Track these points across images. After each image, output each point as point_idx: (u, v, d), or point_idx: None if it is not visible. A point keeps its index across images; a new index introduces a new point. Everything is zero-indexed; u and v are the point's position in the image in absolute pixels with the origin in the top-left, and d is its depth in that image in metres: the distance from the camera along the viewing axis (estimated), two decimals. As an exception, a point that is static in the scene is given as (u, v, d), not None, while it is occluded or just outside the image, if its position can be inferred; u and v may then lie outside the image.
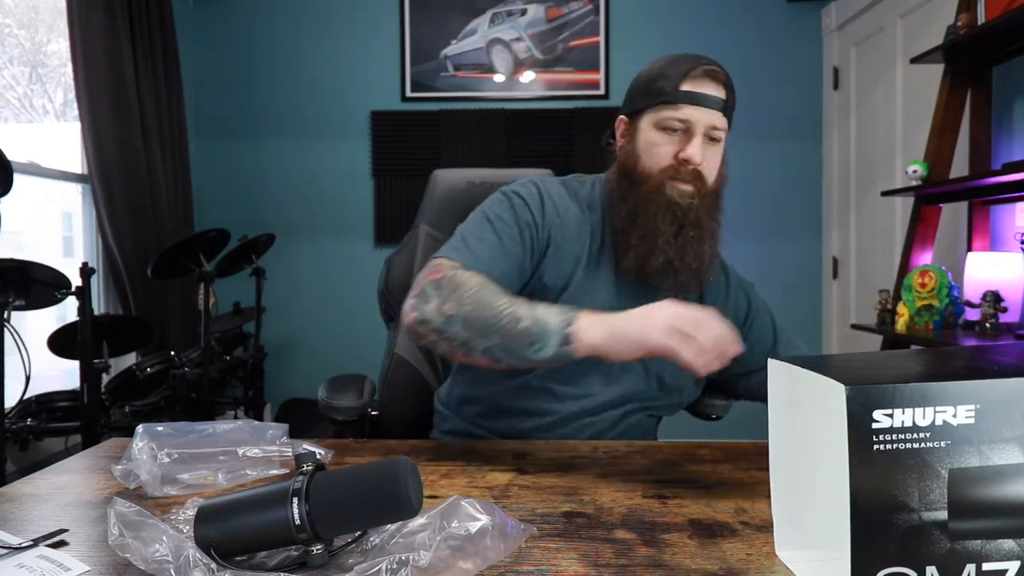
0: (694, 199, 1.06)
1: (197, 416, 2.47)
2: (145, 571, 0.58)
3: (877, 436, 0.51)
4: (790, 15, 3.44)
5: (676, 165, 1.05)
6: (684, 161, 1.05)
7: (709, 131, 1.06)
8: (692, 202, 1.06)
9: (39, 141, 3.16)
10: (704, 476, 0.90)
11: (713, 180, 1.09)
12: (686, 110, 1.05)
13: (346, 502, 0.60)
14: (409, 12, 3.49)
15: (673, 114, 1.05)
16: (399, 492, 0.59)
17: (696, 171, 1.06)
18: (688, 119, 1.05)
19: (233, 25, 3.55)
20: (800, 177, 3.47)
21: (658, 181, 1.06)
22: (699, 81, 1.05)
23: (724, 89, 1.06)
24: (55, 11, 2.92)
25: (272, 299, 3.29)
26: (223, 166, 3.56)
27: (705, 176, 1.07)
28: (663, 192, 1.05)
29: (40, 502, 0.80)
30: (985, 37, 2.08)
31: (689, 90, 1.05)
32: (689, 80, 1.05)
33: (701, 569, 0.63)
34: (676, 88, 1.05)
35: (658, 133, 1.07)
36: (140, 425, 0.89)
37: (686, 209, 1.05)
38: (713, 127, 1.05)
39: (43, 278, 1.91)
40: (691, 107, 1.04)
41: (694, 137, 1.05)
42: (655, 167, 1.07)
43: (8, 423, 2.02)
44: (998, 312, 2.02)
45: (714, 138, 1.07)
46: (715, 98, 1.05)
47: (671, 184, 1.06)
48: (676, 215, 1.05)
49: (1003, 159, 2.22)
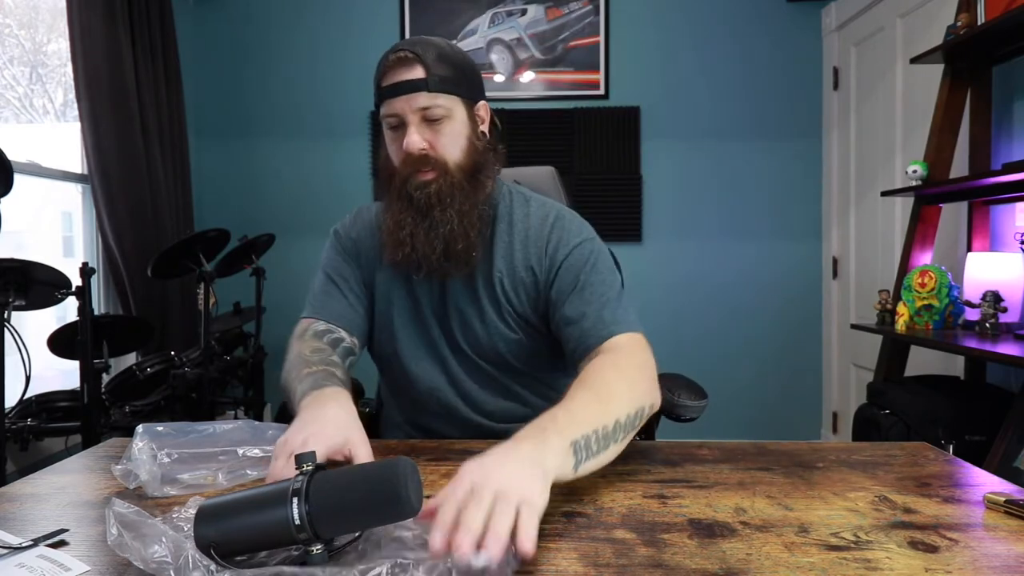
0: (431, 187, 1.07)
1: (197, 416, 2.47)
2: (145, 571, 0.58)
3: None
4: (790, 15, 3.44)
5: (406, 157, 1.07)
6: (408, 152, 1.06)
7: (423, 114, 1.05)
8: (429, 190, 1.07)
9: (39, 141, 3.16)
10: (704, 476, 0.90)
11: (458, 156, 1.09)
12: (391, 104, 1.06)
13: (346, 502, 0.60)
14: (409, 12, 3.49)
15: (385, 112, 1.08)
16: (399, 492, 0.59)
17: (425, 156, 1.06)
18: (394, 112, 1.06)
19: (233, 25, 3.55)
20: (800, 177, 3.47)
21: (402, 176, 1.08)
22: (393, 72, 1.06)
23: (422, 67, 1.05)
24: (55, 11, 2.92)
25: (272, 299, 3.29)
26: (223, 166, 3.56)
27: (440, 157, 1.07)
28: (404, 188, 1.08)
29: (40, 502, 0.80)
30: (985, 37, 2.08)
31: (387, 84, 1.06)
32: (386, 75, 1.07)
33: (701, 569, 0.63)
34: (379, 87, 1.08)
35: (388, 133, 1.11)
36: (140, 425, 0.89)
37: (425, 197, 1.07)
38: (423, 109, 1.05)
39: (43, 278, 1.91)
40: (394, 100, 1.06)
41: (408, 125, 1.06)
42: (397, 163, 1.10)
43: (8, 423, 2.02)
44: (998, 312, 2.02)
45: (432, 118, 1.06)
46: (411, 82, 1.04)
47: (412, 179, 1.07)
48: (418, 206, 1.07)
49: (1003, 159, 2.22)
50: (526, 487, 0.66)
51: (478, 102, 1.13)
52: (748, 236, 3.47)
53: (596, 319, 1.05)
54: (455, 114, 1.08)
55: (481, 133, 1.14)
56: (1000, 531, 0.71)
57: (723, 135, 3.46)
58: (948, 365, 2.45)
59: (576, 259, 1.11)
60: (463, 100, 1.09)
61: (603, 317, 1.04)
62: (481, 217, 1.12)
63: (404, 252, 1.09)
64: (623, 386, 0.90)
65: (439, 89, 1.05)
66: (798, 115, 3.46)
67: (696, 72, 3.46)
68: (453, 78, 1.07)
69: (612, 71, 3.47)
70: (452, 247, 1.08)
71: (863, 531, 0.71)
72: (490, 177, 1.14)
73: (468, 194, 1.09)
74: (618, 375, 0.92)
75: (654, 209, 3.47)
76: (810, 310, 3.50)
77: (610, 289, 1.09)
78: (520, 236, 1.15)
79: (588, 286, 1.08)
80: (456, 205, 1.08)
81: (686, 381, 1.37)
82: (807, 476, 0.89)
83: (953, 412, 1.99)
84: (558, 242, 1.13)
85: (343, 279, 1.19)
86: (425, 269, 1.11)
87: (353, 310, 1.18)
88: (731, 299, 3.49)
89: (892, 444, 1.06)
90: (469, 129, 1.11)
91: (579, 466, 0.76)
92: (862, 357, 3.11)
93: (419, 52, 1.05)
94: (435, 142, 1.07)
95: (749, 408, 3.46)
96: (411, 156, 1.06)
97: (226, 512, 0.61)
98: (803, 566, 0.63)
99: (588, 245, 1.13)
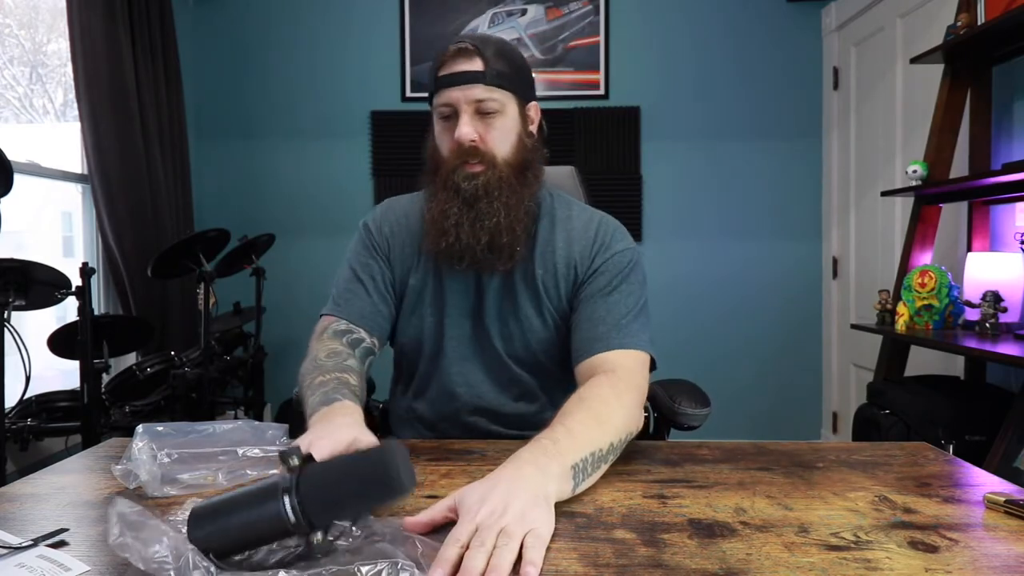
0: (479, 178, 1.07)
1: (197, 416, 2.47)
2: (145, 572, 0.58)
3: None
4: (790, 15, 3.44)
5: (456, 148, 1.08)
6: (459, 143, 1.07)
7: (477, 106, 1.07)
8: (477, 182, 1.07)
9: (39, 141, 3.16)
10: (704, 476, 0.90)
11: (507, 152, 1.10)
12: (447, 93, 1.07)
13: (337, 490, 0.61)
14: (409, 12, 3.49)
15: (439, 101, 1.09)
16: (390, 472, 0.60)
17: (475, 148, 1.07)
18: (449, 102, 1.07)
19: (233, 25, 3.55)
20: (800, 177, 3.47)
21: (450, 167, 1.09)
22: (452, 62, 1.07)
23: (481, 60, 1.06)
24: (55, 11, 2.92)
25: (272, 299, 3.29)
26: (223, 166, 3.56)
27: (490, 151, 1.08)
28: (452, 179, 1.08)
29: (40, 502, 0.80)
30: (985, 37, 2.08)
31: (444, 74, 1.07)
32: (444, 65, 1.08)
33: (701, 569, 0.63)
34: (436, 77, 1.09)
35: (439, 123, 1.11)
36: (140, 425, 0.89)
37: (473, 188, 1.07)
38: (478, 101, 1.06)
39: (43, 278, 1.91)
40: (450, 90, 1.07)
41: (461, 116, 1.07)
42: (446, 154, 1.10)
43: (8, 423, 2.02)
44: (998, 312, 2.02)
45: (487, 111, 1.07)
46: (469, 73, 1.06)
47: (460, 169, 1.08)
48: (464, 197, 1.08)
49: (1003, 159, 2.22)
50: (531, 519, 0.66)
51: (530, 102, 1.15)
52: (748, 236, 3.47)
53: (612, 326, 1.06)
54: (508, 110, 1.09)
55: (530, 132, 1.15)
56: (1000, 531, 0.71)
57: (723, 135, 3.46)
58: (948, 365, 2.45)
59: (615, 264, 1.13)
60: (516, 97, 1.10)
61: (619, 326, 1.06)
62: (527, 213, 1.13)
63: (448, 241, 1.09)
64: (620, 412, 0.92)
65: (495, 83, 1.07)
66: (798, 115, 3.46)
67: (696, 72, 3.46)
68: (509, 74, 1.08)
69: (612, 71, 3.47)
70: (497, 240, 1.09)
71: (863, 531, 0.71)
72: (537, 177, 1.14)
73: (515, 189, 1.10)
74: (617, 400, 0.94)
75: (654, 209, 3.47)
76: (810, 310, 3.50)
77: (635, 303, 1.10)
78: (563, 235, 1.16)
79: (616, 292, 1.10)
80: (503, 198, 1.08)
81: (689, 387, 1.36)
82: (807, 476, 0.89)
83: (953, 412, 1.99)
84: (602, 245, 1.14)
85: (370, 277, 1.18)
86: (468, 260, 1.11)
87: (376, 310, 1.17)
88: (731, 299, 3.49)
89: (892, 444, 1.06)
90: (520, 126, 1.12)
91: (576, 488, 0.80)
92: (862, 357, 3.11)
93: (479, 45, 1.07)
94: (486, 135, 1.08)
95: (749, 408, 3.46)
96: (461, 147, 1.07)
97: (219, 512, 0.61)
98: (803, 566, 0.63)
99: (629, 255, 1.15)
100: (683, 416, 1.29)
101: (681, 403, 1.29)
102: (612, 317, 1.07)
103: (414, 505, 0.78)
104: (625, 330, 1.06)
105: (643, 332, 1.08)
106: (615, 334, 1.05)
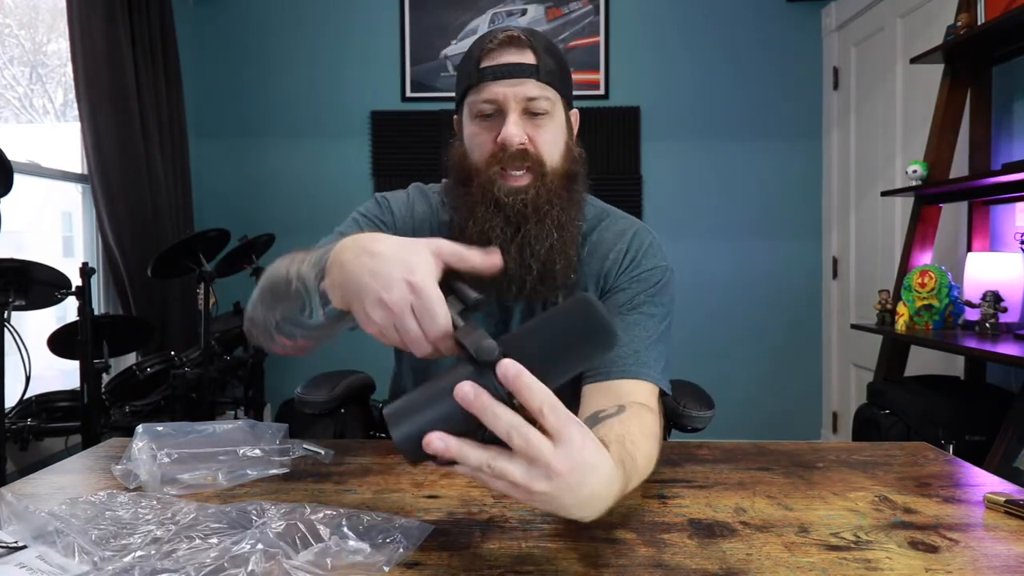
0: (527, 193, 0.92)
1: (197, 416, 2.47)
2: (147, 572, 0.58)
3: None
4: (790, 15, 3.44)
5: (498, 152, 0.92)
6: (503, 146, 0.91)
7: (527, 105, 0.92)
8: (525, 197, 0.92)
9: (39, 141, 3.16)
10: (704, 476, 0.90)
11: (556, 160, 0.95)
12: (491, 88, 0.92)
13: (548, 349, 0.56)
14: (409, 12, 3.49)
15: (479, 97, 0.93)
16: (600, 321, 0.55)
17: (524, 152, 0.92)
18: (494, 98, 0.92)
19: (233, 25, 3.55)
20: (800, 177, 3.47)
21: (486, 176, 0.93)
22: (499, 52, 0.92)
23: (533, 53, 0.92)
24: (55, 11, 2.92)
25: (272, 299, 3.29)
26: (223, 166, 3.56)
27: (539, 156, 0.93)
28: (491, 191, 0.92)
29: (40, 502, 0.80)
30: (985, 37, 2.08)
31: (489, 65, 0.92)
32: (488, 55, 0.92)
33: (701, 569, 0.63)
34: (476, 68, 0.93)
35: (475, 123, 0.95)
36: (140, 425, 0.89)
37: (520, 206, 0.92)
38: (529, 99, 0.92)
39: (43, 278, 1.91)
40: (495, 84, 0.91)
41: (508, 115, 0.92)
42: (480, 160, 0.95)
43: (8, 423, 2.02)
44: (998, 312, 2.02)
45: (537, 111, 0.93)
46: (521, 65, 0.91)
47: (501, 180, 0.93)
48: (508, 216, 0.92)
49: (1003, 159, 2.22)
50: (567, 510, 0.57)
51: (572, 108, 1.02)
52: (748, 236, 3.47)
53: (631, 352, 0.94)
54: (556, 113, 0.95)
55: (576, 141, 1.02)
56: (1000, 531, 0.71)
57: (723, 135, 3.46)
58: (948, 365, 2.45)
59: (643, 281, 1.00)
60: (563, 100, 0.97)
61: (637, 353, 0.94)
62: (580, 233, 0.98)
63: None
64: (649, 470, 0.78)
65: (547, 81, 0.93)
66: (798, 115, 3.46)
67: (696, 72, 3.46)
68: (559, 73, 0.95)
69: (612, 71, 3.47)
70: (550, 268, 0.94)
71: (863, 531, 0.71)
72: (583, 192, 1.01)
73: (566, 205, 0.95)
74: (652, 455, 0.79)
75: (654, 209, 3.47)
76: (810, 310, 3.50)
77: (657, 327, 0.98)
78: (594, 250, 1.03)
79: (637, 312, 0.98)
80: (554, 217, 0.93)
81: (693, 389, 1.36)
82: (807, 476, 0.89)
83: (953, 412, 1.99)
84: (634, 259, 1.02)
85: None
86: (515, 291, 0.96)
87: None
88: (731, 299, 3.49)
89: (892, 444, 1.06)
90: (567, 133, 0.98)
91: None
92: (862, 357, 3.11)
93: (530, 36, 0.93)
94: (536, 137, 0.93)
95: (749, 408, 3.46)
96: (506, 150, 0.91)
97: (420, 406, 0.56)
98: (803, 566, 0.63)
99: (659, 273, 1.01)
100: (688, 418, 1.29)
101: (686, 405, 1.30)
102: (629, 340, 0.95)
103: (414, 506, 0.78)
104: (643, 358, 0.94)
105: (659, 362, 0.96)
106: (631, 362, 0.93)
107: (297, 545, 0.63)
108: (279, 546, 0.62)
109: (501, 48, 0.92)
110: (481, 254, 0.64)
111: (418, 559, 0.64)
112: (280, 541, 0.62)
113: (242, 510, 0.70)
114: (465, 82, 0.95)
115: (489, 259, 0.64)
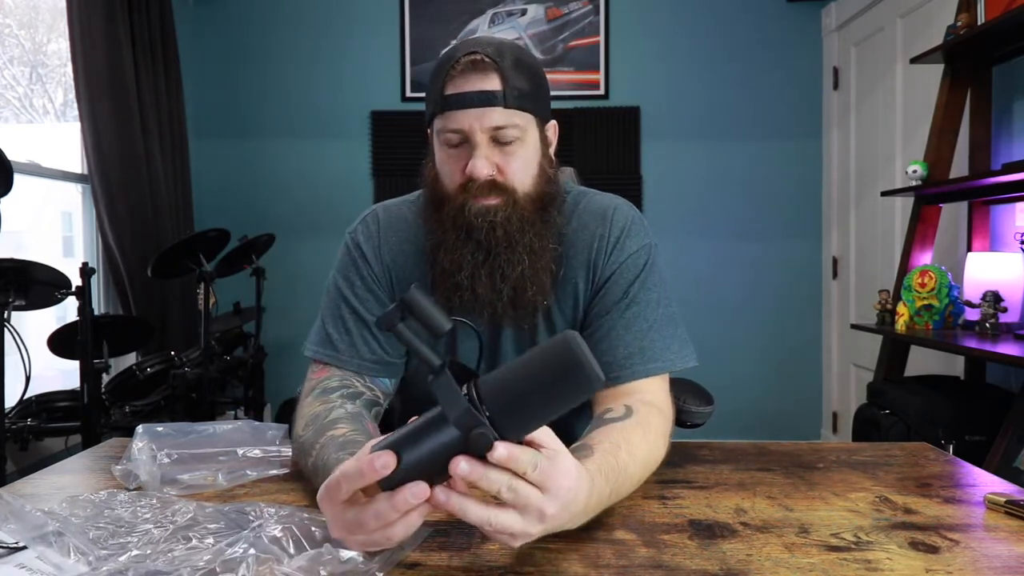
0: (496, 215, 0.89)
1: (197, 416, 2.47)
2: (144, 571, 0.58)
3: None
4: (790, 15, 3.44)
5: (466, 183, 0.90)
6: (471, 178, 0.89)
7: (493, 134, 0.88)
8: (494, 219, 0.89)
9: (39, 141, 3.16)
10: (704, 477, 0.90)
11: (528, 185, 0.92)
12: (456, 118, 0.88)
13: (523, 393, 0.55)
14: (409, 12, 3.48)
15: (446, 124, 0.89)
16: (577, 360, 0.54)
17: (492, 183, 0.89)
18: (460, 127, 0.88)
19: (233, 25, 3.55)
20: (800, 177, 3.47)
21: (457, 203, 0.91)
22: (462, 79, 0.88)
23: (499, 76, 0.87)
24: (55, 11, 2.92)
25: (272, 299, 3.29)
26: (223, 166, 3.56)
27: (509, 185, 0.90)
28: (462, 217, 0.90)
29: (40, 502, 0.80)
30: (985, 37, 2.08)
31: (452, 93, 0.88)
32: (451, 81, 0.88)
33: (701, 570, 0.63)
34: (440, 94, 0.89)
35: (443, 150, 0.92)
36: (140, 425, 0.90)
37: (489, 227, 0.89)
38: (495, 128, 0.88)
39: (43, 278, 1.91)
40: (460, 113, 0.87)
41: (476, 147, 0.88)
42: (451, 187, 0.92)
43: (8, 423, 2.02)
44: (998, 312, 2.02)
45: (505, 139, 0.89)
46: (485, 93, 0.87)
47: (472, 202, 0.90)
48: (479, 241, 0.90)
49: (1003, 159, 2.22)
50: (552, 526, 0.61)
51: (548, 121, 0.98)
52: (748, 236, 3.47)
53: (635, 349, 0.92)
54: (528, 136, 0.91)
55: (551, 158, 0.98)
56: (1000, 531, 0.71)
57: (723, 135, 3.46)
58: (948, 365, 2.45)
59: (630, 270, 0.96)
60: (536, 119, 0.93)
61: (642, 348, 0.92)
62: (554, 259, 0.95)
63: (462, 298, 0.92)
64: (649, 472, 0.82)
65: (516, 105, 0.88)
66: (798, 115, 3.46)
67: (696, 72, 3.46)
68: (530, 92, 0.90)
69: (612, 71, 3.47)
70: (521, 295, 0.92)
71: (863, 532, 0.71)
72: (560, 213, 0.97)
73: (539, 230, 0.93)
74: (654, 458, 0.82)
75: (654, 209, 3.47)
76: (810, 310, 3.50)
77: (655, 311, 0.95)
78: (574, 252, 0.99)
79: (634, 305, 0.95)
80: (526, 244, 0.91)
81: (693, 386, 1.36)
82: (807, 476, 0.89)
83: (953, 412, 1.99)
84: (618, 240, 0.98)
85: (370, 314, 0.99)
86: (486, 317, 0.95)
87: (384, 350, 0.98)
88: (731, 299, 3.49)
89: (892, 444, 1.06)
90: (540, 153, 0.94)
91: None
92: (862, 357, 3.11)
93: (495, 57, 0.88)
94: (505, 167, 0.90)
95: (749, 408, 3.45)
96: (474, 182, 0.89)
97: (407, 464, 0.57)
98: (803, 567, 0.63)
99: (644, 253, 0.98)
100: (687, 414, 1.29)
101: (686, 401, 1.29)
102: (632, 337, 0.93)
103: (414, 505, 0.78)
104: (648, 352, 0.92)
105: (669, 344, 0.95)
106: (636, 361, 0.92)
107: (291, 550, 0.63)
108: (272, 551, 0.61)
109: (464, 74, 0.88)
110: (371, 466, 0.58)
111: (418, 560, 0.64)
112: (274, 546, 0.62)
113: (240, 511, 0.70)
114: (431, 107, 0.92)
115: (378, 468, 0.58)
